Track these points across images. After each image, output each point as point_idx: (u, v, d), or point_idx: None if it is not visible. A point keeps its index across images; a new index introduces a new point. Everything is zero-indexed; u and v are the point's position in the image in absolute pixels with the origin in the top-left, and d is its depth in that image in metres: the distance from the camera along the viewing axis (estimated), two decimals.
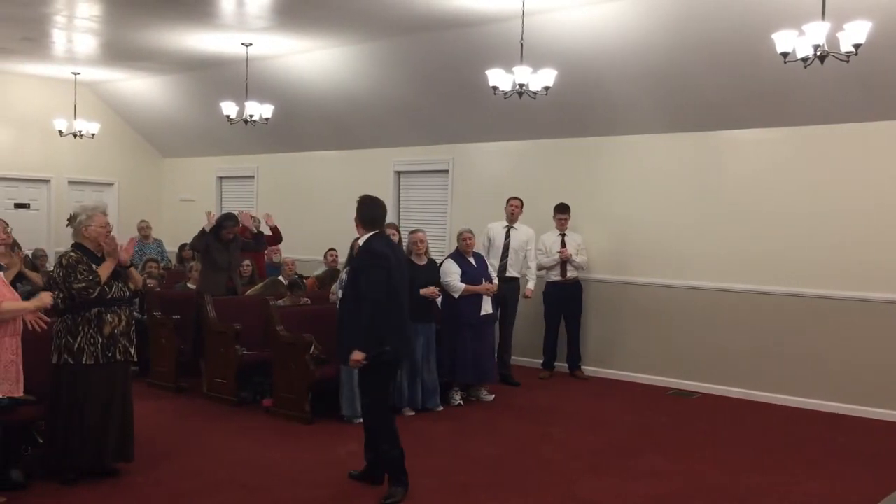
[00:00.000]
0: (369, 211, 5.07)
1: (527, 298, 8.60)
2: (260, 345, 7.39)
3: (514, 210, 8.65)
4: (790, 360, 7.67)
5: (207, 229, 8.06)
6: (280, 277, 9.10)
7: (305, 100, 10.94)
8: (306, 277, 9.35)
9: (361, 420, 5.16)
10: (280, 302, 7.84)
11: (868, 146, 7.32)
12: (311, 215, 11.67)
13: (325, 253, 9.82)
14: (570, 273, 8.78)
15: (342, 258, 9.39)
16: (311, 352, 6.79)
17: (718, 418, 7.27)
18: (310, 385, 6.76)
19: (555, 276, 8.79)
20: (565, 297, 8.80)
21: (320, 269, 9.78)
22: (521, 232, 8.61)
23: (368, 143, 11.19)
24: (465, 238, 7.63)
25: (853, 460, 6.01)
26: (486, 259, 7.97)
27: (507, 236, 8.60)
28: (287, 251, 10.35)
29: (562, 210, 8.81)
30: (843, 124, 7.39)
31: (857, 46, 5.60)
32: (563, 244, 8.75)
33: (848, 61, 5.73)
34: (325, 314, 7.35)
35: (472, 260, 7.63)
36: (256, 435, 6.45)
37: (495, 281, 7.77)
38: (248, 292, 8.50)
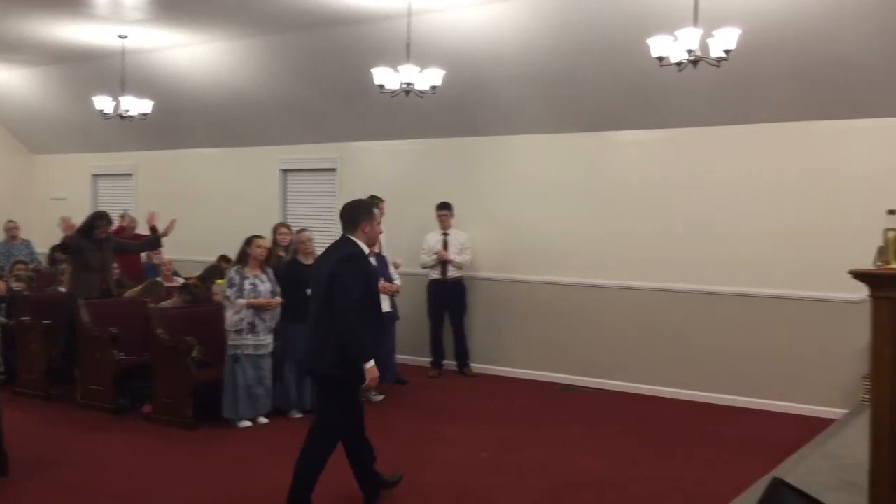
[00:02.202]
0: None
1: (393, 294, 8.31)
2: (138, 349, 7.10)
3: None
4: (672, 354, 7.96)
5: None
6: (159, 279, 8.79)
7: (186, 95, 10.59)
8: (188, 278, 9.06)
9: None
10: (167, 303, 7.59)
11: (739, 148, 7.66)
12: (194, 215, 11.28)
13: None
14: (452, 273, 8.84)
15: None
16: (193, 355, 6.59)
17: (604, 412, 7.46)
18: (193, 389, 6.56)
19: (436, 274, 8.84)
20: (447, 296, 8.86)
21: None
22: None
23: (253, 140, 10.94)
24: None
25: (731, 448, 6.27)
26: (388, 260, 7.94)
27: None
28: (169, 252, 9.99)
29: (441, 207, 8.87)
30: (717, 127, 7.72)
31: (727, 52, 5.87)
32: (446, 244, 8.82)
33: (719, 66, 6.00)
34: (207, 316, 7.17)
35: (372, 259, 7.58)
36: (136, 443, 6.20)
37: (397, 282, 7.76)
38: (126, 294, 8.17)
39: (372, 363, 4.50)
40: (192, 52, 9.87)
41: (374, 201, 8.45)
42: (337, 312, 4.45)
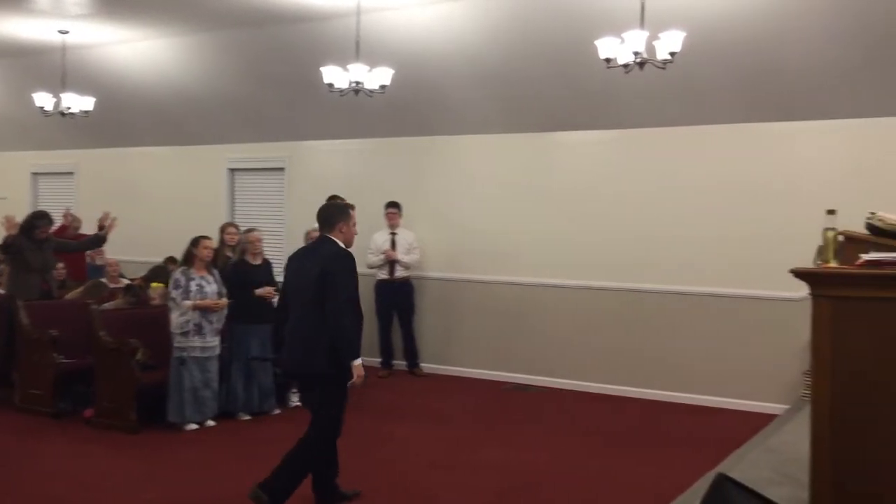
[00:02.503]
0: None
1: None
2: (80, 352, 6.92)
3: None
4: (621, 353, 8.05)
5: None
6: (103, 279, 8.60)
7: (130, 92, 10.36)
8: (133, 279, 8.88)
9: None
10: (109, 305, 7.43)
11: (685, 149, 7.79)
12: (139, 215, 11.05)
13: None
14: (399, 272, 8.82)
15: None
16: (137, 357, 6.46)
17: (555, 410, 7.51)
18: (136, 392, 6.42)
19: (383, 274, 8.80)
20: (395, 296, 8.83)
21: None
22: None
23: (200, 139, 10.76)
24: (312, 237, 7.53)
25: (679, 444, 6.36)
26: None
27: None
28: (113, 252, 9.77)
29: (389, 205, 8.85)
30: (663, 128, 7.84)
31: (672, 54, 5.96)
32: (394, 243, 8.79)
33: (664, 68, 6.08)
34: (152, 317, 7.04)
35: None
36: (76, 447, 6.05)
37: None
38: (67, 295, 7.97)
39: (360, 360, 4.59)
40: (135, 49, 9.67)
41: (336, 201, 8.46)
42: (329, 311, 4.48)
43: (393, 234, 8.84)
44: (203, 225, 7.96)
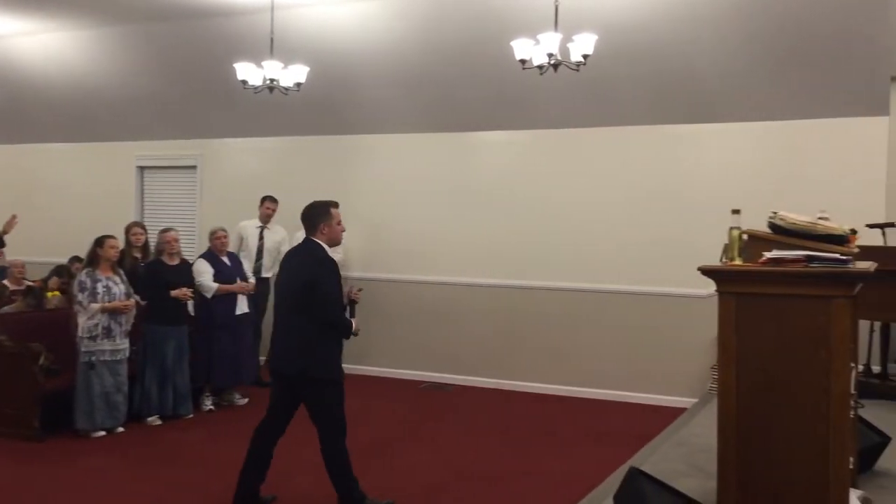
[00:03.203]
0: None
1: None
2: None
3: (269, 211, 8.48)
4: (535, 349, 8.16)
5: None
6: (6, 281, 8.23)
7: (32, 87, 9.94)
8: (34, 281, 8.51)
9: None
10: (9, 308, 7.12)
11: (598, 149, 7.95)
12: (43, 214, 10.63)
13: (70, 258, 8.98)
14: None
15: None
16: (40, 362, 6.20)
17: (472, 408, 7.55)
18: (39, 399, 6.17)
19: None
20: None
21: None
22: (275, 233, 8.47)
23: (107, 135, 10.40)
24: (218, 237, 7.39)
25: (594, 439, 6.49)
26: (240, 258, 7.77)
27: (261, 237, 8.41)
28: (15, 253, 9.33)
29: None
30: (577, 129, 7.99)
31: (585, 56, 6.08)
32: None
33: (578, 70, 6.20)
34: (53, 320, 6.79)
35: (225, 259, 7.41)
36: None
37: (252, 280, 7.60)
38: None
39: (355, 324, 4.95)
40: (38, 41, 9.29)
41: (265, 201, 8.39)
42: (329, 314, 4.60)
43: None
44: (111, 224, 7.71)
